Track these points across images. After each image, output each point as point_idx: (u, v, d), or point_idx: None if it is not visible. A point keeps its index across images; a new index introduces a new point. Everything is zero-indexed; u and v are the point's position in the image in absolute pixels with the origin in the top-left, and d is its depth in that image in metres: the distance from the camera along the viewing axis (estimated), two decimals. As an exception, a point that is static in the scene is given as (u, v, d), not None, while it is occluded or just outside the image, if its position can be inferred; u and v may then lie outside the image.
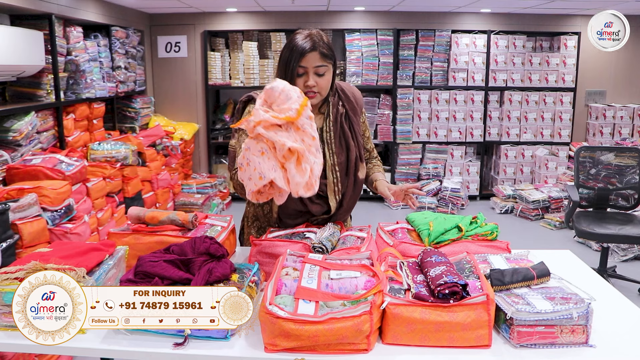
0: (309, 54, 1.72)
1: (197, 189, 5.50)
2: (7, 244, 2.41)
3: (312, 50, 1.72)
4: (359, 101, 1.95)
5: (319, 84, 1.76)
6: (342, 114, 1.89)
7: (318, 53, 1.73)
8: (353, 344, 1.23)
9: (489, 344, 1.26)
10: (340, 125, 1.88)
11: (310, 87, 1.74)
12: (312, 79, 1.74)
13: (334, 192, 1.85)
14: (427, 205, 5.67)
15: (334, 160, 1.84)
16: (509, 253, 1.65)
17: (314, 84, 1.74)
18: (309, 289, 1.30)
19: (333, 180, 1.84)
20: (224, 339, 1.28)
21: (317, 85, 1.75)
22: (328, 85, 1.80)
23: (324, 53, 1.74)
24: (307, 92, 1.74)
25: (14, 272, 1.34)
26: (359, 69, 5.99)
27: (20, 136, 3.25)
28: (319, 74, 1.75)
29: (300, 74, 1.75)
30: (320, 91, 1.77)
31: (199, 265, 1.39)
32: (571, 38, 6.03)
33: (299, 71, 1.74)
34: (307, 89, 1.75)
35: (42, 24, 3.72)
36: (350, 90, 1.95)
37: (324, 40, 1.75)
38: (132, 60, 5.30)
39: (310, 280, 1.33)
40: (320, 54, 1.73)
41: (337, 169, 1.84)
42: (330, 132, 1.86)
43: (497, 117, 6.18)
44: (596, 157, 3.98)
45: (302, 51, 1.71)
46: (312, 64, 1.73)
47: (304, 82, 1.74)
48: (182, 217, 1.82)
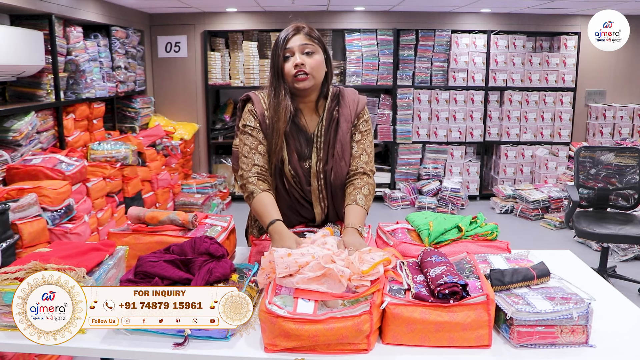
0: (293, 37, 1.70)
1: (197, 189, 5.50)
2: (7, 244, 2.41)
3: (296, 33, 1.71)
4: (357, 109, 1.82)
5: (308, 64, 1.69)
6: (335, 120, 1.79)
7: (302, 34, 1.71)
8: (353, 344, 1.22)
9: (489, 344, 1.26)
10: (332, 132, 1.78)
11: (299, 65, 1.68)
12: (299, 57, 1.69)
13: (318, 199, 1.80)
14: (427, 205, 5.67)
15: (319, 167, 1.77)
16: (509, 253, 1.65)
17: (301, 62, 1.68)
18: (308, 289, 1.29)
19: (318, 187, 1.78)
20: (223, 339, 1.28)
21: (306, 65, 1.68)
22: (319, 67, 1.72)
23: (309, 34, 1.72)
24: (297, 73, 1.69)
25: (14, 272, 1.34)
26: (359, 69, 5.99)
27: (20, 136, 3.25)
28: (306, 52, 1.70)
29: (286, 56, 1.70)
30: (312, 72, 1.70)
31: (199, 265, 1.39)
32: (571, 38, 6.03)
33: (285, 54, 1.70)
34: (296, 69, 1.68)
35: (42, 24, 3.71)
36: (352, 97, 1.84)
37: (308, 26, 1.74)
38: (132, 60, 5.30)
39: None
40: (305, 34, 1.71)
41: (321, 177, 1.77)
42: (321, 138, 1.78)
43: (497, 117, 6.18)
44: (596, 157, 3.98)
45: (286, 36, 1.71)
46: (297, 43, 1.69)
47: (292, 63, 1.69)
48: (182, 217, 1.82)
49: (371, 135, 1.85)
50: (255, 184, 1.71)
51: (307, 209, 1.83)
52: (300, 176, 1.78)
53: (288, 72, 1.71)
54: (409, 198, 5.95)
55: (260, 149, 1.75)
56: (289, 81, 1.72)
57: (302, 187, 1.80)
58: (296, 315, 1.21)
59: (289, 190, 1.80)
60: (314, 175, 1.78)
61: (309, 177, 1.79)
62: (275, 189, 1.81)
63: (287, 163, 1.77)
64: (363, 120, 1.83)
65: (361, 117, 1.83)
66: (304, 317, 1.20)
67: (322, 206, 1.81)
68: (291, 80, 1.71)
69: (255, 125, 1.77)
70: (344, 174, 1.79)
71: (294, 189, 1.80)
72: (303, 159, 1.78)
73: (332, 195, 1.81)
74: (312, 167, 1.78)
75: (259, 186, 1.70)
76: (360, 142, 1.81)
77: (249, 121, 1.78)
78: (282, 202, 1.82)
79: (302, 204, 1.82)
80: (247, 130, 1.77)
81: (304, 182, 1.79)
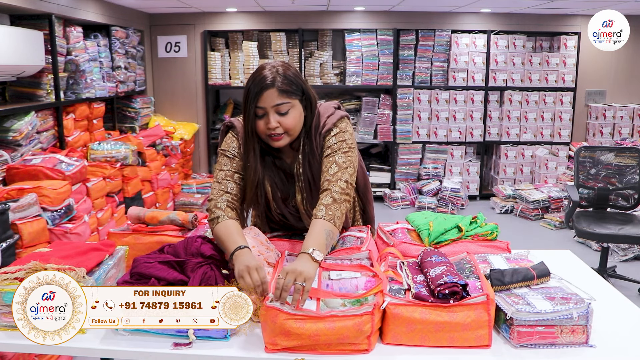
0: (265, 92, 1.53)
1: (197, 189, 5.51)
2: (7, 244, 2.41)
3: (269, 87, 1.53)
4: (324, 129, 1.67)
5: (283, 124, 1.56)
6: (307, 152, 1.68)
7: (276, 90, 1.53)
8: (354, 344, 1.22)
9: (489, 344, 1.26)
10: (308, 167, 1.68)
11: (272, 129, 1.56)
12: (273, 120, 1.55)
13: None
14: (427, 205, 5.67)
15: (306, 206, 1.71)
16: (509, 253, 1.65)
17: (276, 125, 1.55)
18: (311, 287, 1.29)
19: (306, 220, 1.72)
20: (223, 339, 1.28)
21: (280, 126, 1.56)
22: (295, 123, 1.59)
23: (283, 89, 1.54)
24: (270, 134, 1.58)
25: (14, 272, 1.34)
26: (359, 69, 5.99)
27: (20, 136, 3.25)
28: (281, 112, 1.56)
29: (259, 115, 1.57)
30: (288, 131, 1.58)
31: (192, 267, 1.39)
32: (571, 38, 6.03)
33: (258, 112, 1.57)
34: (269, 131, 1.57)
35: (42, 24, 3.71)
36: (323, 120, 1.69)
37: (285, 74, 1.56)
38: (132, 60, 5.30)
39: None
40: (279, 90, 1.54)
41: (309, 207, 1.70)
42: (301, 176, 1.69)
43: (497, 117, 6.18)
44: (596, 157, 3.97)
45: (258, 90, 1.54)
46: (270, 103, 1.54)
47: (265, 123, 1.57)
48: (182, 217, 1.82)
49: (346, 148, 1.64)
50: (223, 210, 1.58)
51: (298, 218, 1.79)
52: (288, 217, 1.76)
53: (261, 131, 1.59)
54: (409, 198, 5.95)
55: (236, 178, 1.65)
56: (263, 137, 1.62)
57: (293, 224, 1.79)
58: (297, 312, 1.20)
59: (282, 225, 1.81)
60: (303, 215, 1.73)
61: (296, 213, 1.76)
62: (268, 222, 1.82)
63: (272, 202, 1.72)
64: (331, 137, 1.65)
65: (328, 135, 1.66)
66: (305, 315, 1.20)
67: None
68: (265, 138, 1.61)
69: (235, 154, 1.67)
70: None
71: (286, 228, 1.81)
72: (287, 199, 1.74)
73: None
74: (298, 206, 1.73)
75: (227, 213, 1.58)
76: (330, 157, 1.63)
77: (231, 148, 1.68)
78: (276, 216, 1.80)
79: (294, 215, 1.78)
80: (227, 154, 1.68)
81: (294, 220, 1.77)
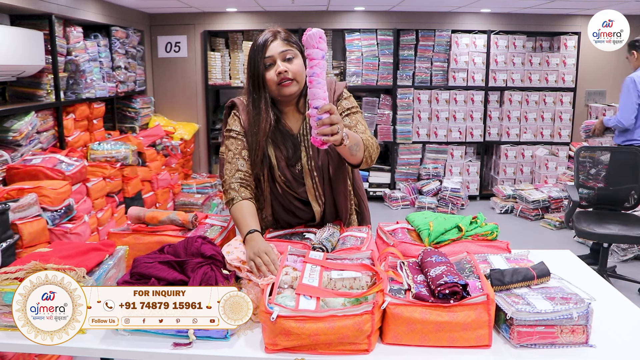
0: (271, 44, 1.70)
1: (197, 189, 5.50)
2: (7, 244, 2.41)
3: (273, 39, 1.71)
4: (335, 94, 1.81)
5: (291, 69, 1.70)
6: None
7: (279, 40, 1.71)
8: (354, 344, 1.22)
9: (489, 344, 1.26)
10: None
11: (282, 72, 1.69)
12: (282, 65, 1.69)
13: (315, 197, 1.80)
14: (427, 205, 5.67)
15: (311, 165, 1.77)
16: (509, 253, 1.65)
17: (285, 69, 1.69)
18: (310, 286, 1.30)
19: (313, 186, 1.78)
20: (223, 339, 1.28)
21: (289, 71, 1.70)
22: (301, 71, 1.72)
23: (285, 38, 1.72)
24: (281, 80, 1.70)
25: (14, 272, 1.34)
26: (359, 69, 5.99)
27: (20, 136, 3.25)
28: (287, 58, 1.71)
29: (267, 64, 1.71)
30: (295, 77, 1.71)
31: (192, 268, 1.39)
32: (571, 38, 6.03)
33: (266, 62, 1.71)
34: (279, 77, 1.69)
35: (42, 24, 3.71)
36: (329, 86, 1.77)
37: (284, 30, 1.74)
38: (132, 60, 5.30)
39: (311, 280, 1.33)
40: (282, 39, 1.71)
41: (315, 174, 1.77)
42: (307, 136, 1.78)
43: (497, 117, 6.18)
44: (596, 157, 3.97)
45: (264, 43, 1.70)
46: (277, 50, 1.70)
47: (274, 71, 1.70)
48: (182, 217, 1.82)
49: (360, 113, 1.83)
50: (236, 191, 1.71)
51: (303, 210, 1.83)
52: (291, 180, 1.78)
53: (271, 79, 1.71)
54: (409, 198, 5.95)
55: (244, 154, 1.76)
56: (273, 89, 1.72)
57: (295, 190, 1.80)
58: (297, 312, 1.20)
59: (282, 194, 1.81)
60: (307, 174, 1.78)
61: (301, 178, 1.78)
62: (271, 193, 1.82)
63: (277, 169, 1.77)
64: (344, 100, 1.82)
65: (341, 98, 1.82)
66: (305, 315, 1.20)
67: (319, 203, 1.81)
68: (275, 88, 1.72)
69: (240, 131, 1.78)
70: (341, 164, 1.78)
71: (288, 193, 1.81)
72: (292, 164, 1.78)
73: (332, 189, 1.81)
74: (303, 166, 1.77)
75: (240, 193, 1.71)
76: (352, 117, 1.79)
77: (234, 126, 1.79)
78: (278, 206, 1.83)
79: (298, 206, 1.82)
80: (232, 134, 1.79)
81: (296, 185, 1.79)
